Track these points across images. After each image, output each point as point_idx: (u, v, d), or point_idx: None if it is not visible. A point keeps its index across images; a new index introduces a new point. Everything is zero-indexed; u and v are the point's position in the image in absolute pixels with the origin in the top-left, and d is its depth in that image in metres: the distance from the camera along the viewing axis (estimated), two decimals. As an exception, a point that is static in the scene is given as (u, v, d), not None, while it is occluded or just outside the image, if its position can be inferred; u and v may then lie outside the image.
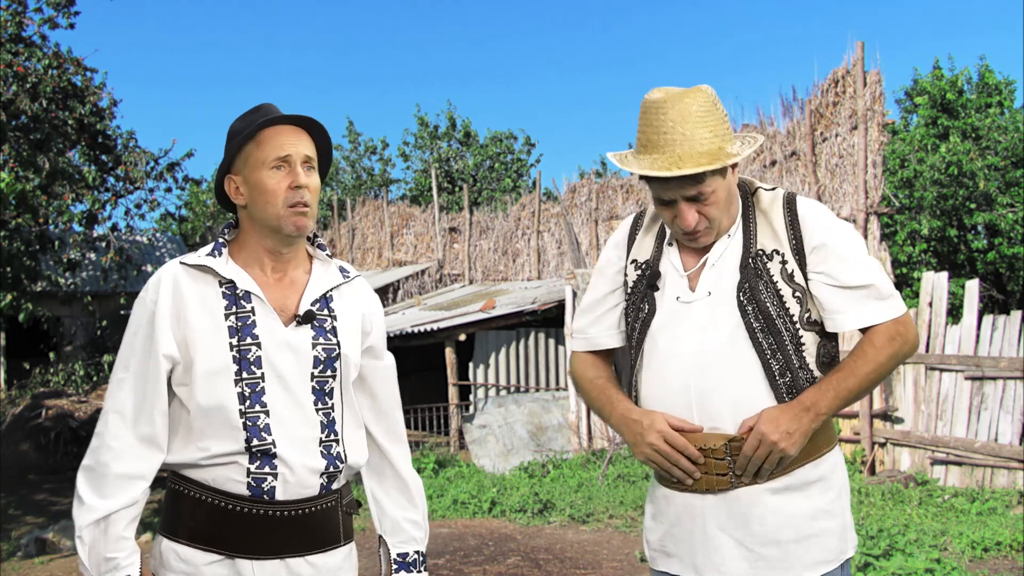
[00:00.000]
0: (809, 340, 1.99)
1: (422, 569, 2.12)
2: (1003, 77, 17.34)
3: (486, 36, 57.78)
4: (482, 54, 58.27)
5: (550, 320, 12.24)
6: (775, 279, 1.99)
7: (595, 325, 2.22)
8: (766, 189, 2.10)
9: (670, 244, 2.11)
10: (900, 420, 8.98)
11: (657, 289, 2.09)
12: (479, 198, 24.07)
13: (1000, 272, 16.37)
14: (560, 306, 11.59)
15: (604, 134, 55.03)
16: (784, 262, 2.00)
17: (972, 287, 8.59)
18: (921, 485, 8.23)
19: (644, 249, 2.16)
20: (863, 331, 2.02)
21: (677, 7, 58.99)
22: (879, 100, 10.08)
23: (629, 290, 2.15)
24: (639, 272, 2.14)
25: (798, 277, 1.99)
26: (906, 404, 8.93)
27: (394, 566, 2.10)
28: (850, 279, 1.97)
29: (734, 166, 2.02)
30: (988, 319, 8.39)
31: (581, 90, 58.40)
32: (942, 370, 8.58)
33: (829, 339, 2.04)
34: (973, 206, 15.59)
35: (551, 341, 12.21)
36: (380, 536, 2.13)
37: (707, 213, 2.00)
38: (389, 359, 2.14)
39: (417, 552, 2.12)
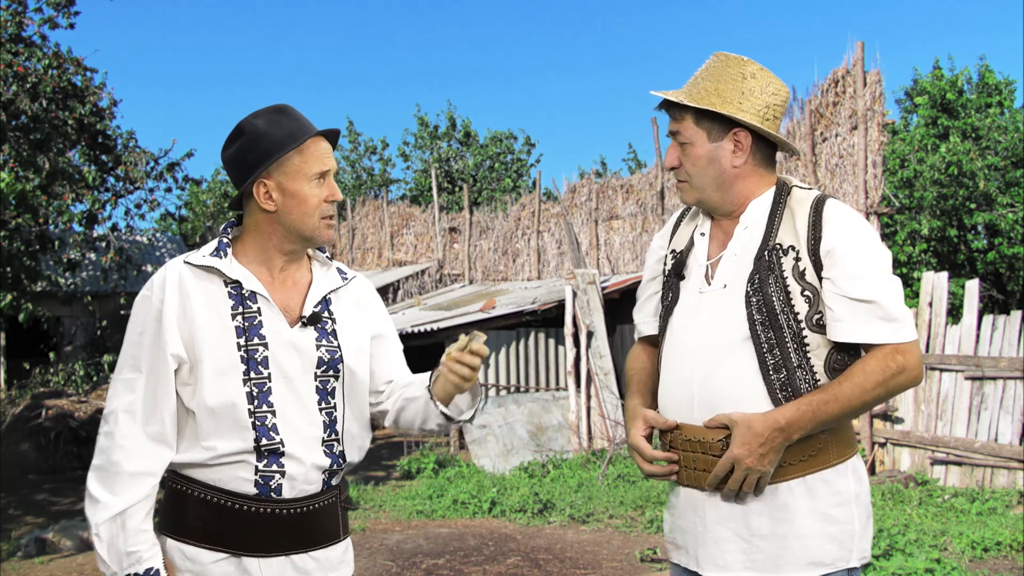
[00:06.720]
0: (816, 342, 1.96)
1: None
2: (1003, 77, 17.36)
3: (486, 36, 57.77)
4: (482, 54, 58.24)
5: (550, 320, 12.22)
6: (786, 275, 1.97)
7: (639, 312, 2.28)
8: (802, 188, 2.09)
9: (702, 235, 2.13)
10: (900, 420, 8.98)
11: (683, 278, 2.11)
12: (479, 198, 24.05)
13: (1000, 272, 16.37)
14: (560, 306, 11.58)
15: (604, 134, 54.97)
16: (798, 259, 1.97)
17: (972, 287, 8.59)
18: (921, 485, 8.23)
19: (682, 239, 2.18)
20: (865, 350, 1.97)
21: (677, 7, 58.98)
22: (879, 100, 10.07)
23: (664, 279, 2.18)
24: (673, 261, 2.17)
25: (810, 276, 1.96)
26: (906, 404, 8.93)
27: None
28: (854, 291, 1.92)
29: (737, 148, 2.03)
30: (988, 319, 8.39)
31: (581, 90, 58.37)
32: (942, 370, 8.58)
33: (847, 348, 1.98)
34: (973, 206, 15.59)
35: (551, 341, 12.19)
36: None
37: (684, 163, 2.08)
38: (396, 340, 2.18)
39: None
